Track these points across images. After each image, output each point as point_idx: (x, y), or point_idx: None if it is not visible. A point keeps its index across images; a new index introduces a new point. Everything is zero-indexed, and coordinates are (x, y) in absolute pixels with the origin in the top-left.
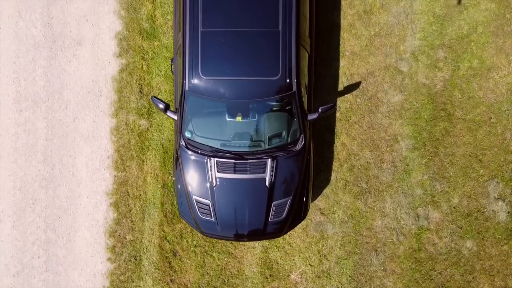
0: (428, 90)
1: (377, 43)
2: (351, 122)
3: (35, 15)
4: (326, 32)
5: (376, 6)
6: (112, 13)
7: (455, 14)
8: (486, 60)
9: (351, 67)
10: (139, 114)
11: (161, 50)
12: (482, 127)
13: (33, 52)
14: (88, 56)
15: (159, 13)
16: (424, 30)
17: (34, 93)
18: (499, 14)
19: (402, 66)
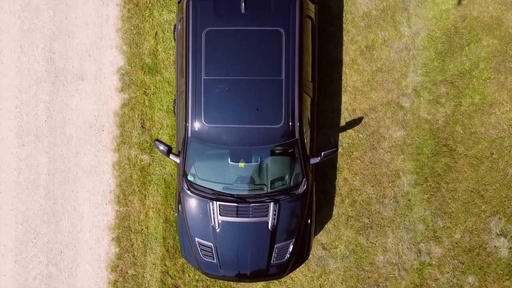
0: (430, 125)
1: (379, 79)
2: (353, 157)
3: (38, 50)
4: (328, 67)
5: (378, 42)
6: (114, 48)
7: (457, 50)
8: (488, 96)
9: (353, 102)
10: (141, 149)
11: (163, 85)
12: (484, 163)
13: (35, 87)
14: (90, 91)
15: (161, 48)
16: (426, 65)
17: (36, 127)
18: (501, 51)
19: (404, 102)
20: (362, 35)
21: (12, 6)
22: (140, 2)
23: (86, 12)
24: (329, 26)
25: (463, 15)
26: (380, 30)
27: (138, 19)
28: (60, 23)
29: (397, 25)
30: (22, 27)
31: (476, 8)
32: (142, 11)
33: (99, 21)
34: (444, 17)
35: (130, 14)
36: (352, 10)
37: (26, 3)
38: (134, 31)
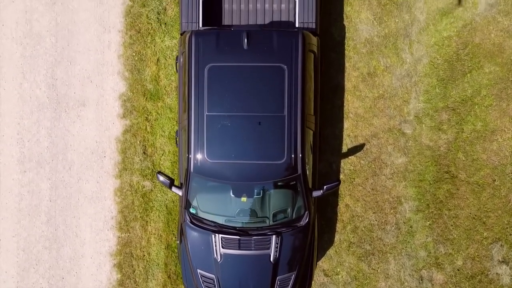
0: (432, 152)
1: (381, 105)
2: (354, 184)
3: (39, 77)
4: (330, 94)
5: (380, 69)
6: (116, 74)
7: (458, 76)
8: (490, 123)
9: (355, 129)
10: (143, 175)
11: (165, 111)
12: (486, 189)
13: (37, 113)
14: (92, 117)
15: (163, 74)
16: (428, 92)
17: (38, 154)
18: (503, 77)
19: (406, 128)
20: (364, 62)
21: (14, 33)
22: (142, 28)
23: (88, 38)
24: (331, 52)
25: (465, 42)
26: (382, 56)
27: (140, 46)
28: (62, 50)
29: (399, 52)
30: (24, 53)
31: (478, 35)
32: (144, 37)
33: (101, 48)
34: (446, 44)
35: (132, 41)
36: (354, 36)
37: (28, 30)
38: (136, 58)
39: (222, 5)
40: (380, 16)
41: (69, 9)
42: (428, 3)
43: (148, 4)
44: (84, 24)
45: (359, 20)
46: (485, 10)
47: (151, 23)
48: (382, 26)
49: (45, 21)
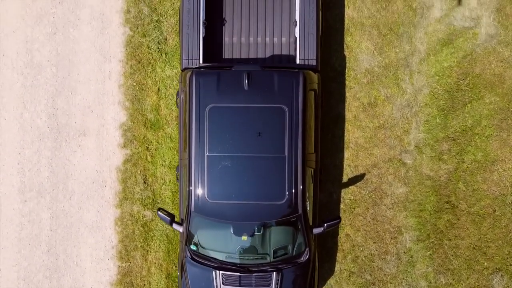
0: (433, 182)
1: (382, 135)
2: (355, 214)
3: (40, 107)
4: (331, 124)
5: (381, 99)
6: (116, 104)
7: (459, 107)
8: (490, 153)
9: (355, 159)
10: (144, 205)
11: (166, 140)
12: (487, 220)
13: (38, 143)
14: (93, 147)
15: (164, 104)
16: (428, 122)
17: (38, 183)
18: (503, 108)
19: (406, 159)
20: (365, 92)
21: (15, 63)
22: (142, 58)
23: (88, 68)
24: (331, 82)
25: (466, 72)
26: (382, 87)
27: (141, 75)
28: (63, 79)
29: (400, 82)
30: (25, 83)
31: (479, 65)
32: (144, 67)
33: (101, 77)
34: (446, 74)
35: (133, 70)
36: (355, 67)
37: (29, 60)
38: (136, 87)
39: (223, 39)
40: (381, 46)
41: (69, 39)
42: (429, 33)
43: (149, 34)
44: (85, 54)
45: (359, 50)
46: (486, 41)
47: (151, 53)
48: (383, 56)
49: (46, 51)
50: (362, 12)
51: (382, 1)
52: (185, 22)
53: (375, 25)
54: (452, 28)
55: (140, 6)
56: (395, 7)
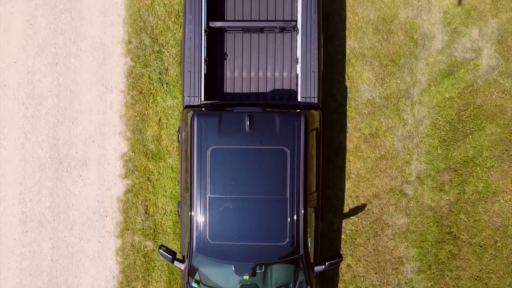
0: (434, 213)
1: (383, 166)
2: (356, 244)
3: (41, 137)
4: (332, 155)
5: (382, 129)
6: (118, 134)
7: (460, 138)
8: (491, 184)
9: (356, 189)
10: (145, 235)
11: (167, 170)
12: (488, 250)
13: (39, 174)
14: (94, 177)
15: (165, 134)
16: (429, 153)
17: (39, 214)
18: (504, 139)
19: (407, 189)
20: (366, 122)
21: (16, 93)
22: (144, 88)
23: (90, 98)
24: (333, 113)
25: (467, 103)
26: (383, 117)
27: (142, 106)
28: (64, 110)
29: (401, 113)
30: (26, 114)
31: (480, 96)
32: (146, 97)
33: (103, 108)
34: (447, 105)
35: (134, 101)
36: (356, 97)
37: (31, 90)
38: (137, 118)
39: (224, 73)
40: (382, 77)
41: (71, 69)
42: (430, 64)
43: (150, 64)
44: (86, 85)
45: (361, 81)
46: (487, 72)
47: (153, 83)
48: (384, 87)
49: (47, 81)
50: (363, 43)
51: (383, 32)
52: (186, 59)
53: (377, 56)
54: (453, 59)
55: (142, 36)
56: (396, 38)
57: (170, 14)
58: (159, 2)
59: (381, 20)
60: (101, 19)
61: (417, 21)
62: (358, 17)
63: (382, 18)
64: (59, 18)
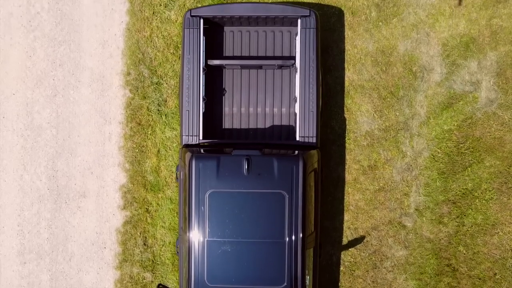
0: (433, 245)
1: (382, 198)
2: (355, 276)
3: (40, 168)
4: (331, 187)
5: (381, 162)
6: (116, 166)
7: (459, 170)
8: (490, 216)
9: (355, 221)
10: (143, 267)
11: (165, 202)
12: (487, 283)
13: (37, 205)
14: (93, 209)
15: (164, 165)
16: (428, 185)
17: (38, 245)
18: (503, 172)
19: (406, 221)
20: (365, 154)
21: (15, 125)
22: (142, 120)
23: (89, 130)
24: (331, 145)
25: (466, 136)
26: (382, 149)
27: (141, 137)
28: (63, 141)
29: (400, 145)
30: (25, 145)
31: (479, 129)
32: (144, 129)
33: (101, 139)
34: (446, 137)
35: (133, 132)
36: (355, 129)
37: (29, 122)
38: (136, 149)
39: (223, 109)
40: (381, 109)
41: (70, 101)
42: (429, 96)
43: (149, 96)
44: (85, 116)
45: (359, 113)
46: (486, 105)
47: (151, 115)
48: (383, 119)
49: (46, 113)
50: (362, 75)
51: (382, 64)
52: (185, 98)
53: (375, 88)
54: (452, 92)
55: (140, 68)
56: (395, 70)
57: (169, 45)
58: (158, 34)
59: (380, 52)
60: (100, 51)
61: (416, 53)
62: (357, 49)
63: (381, 50)
64: (58, 50)
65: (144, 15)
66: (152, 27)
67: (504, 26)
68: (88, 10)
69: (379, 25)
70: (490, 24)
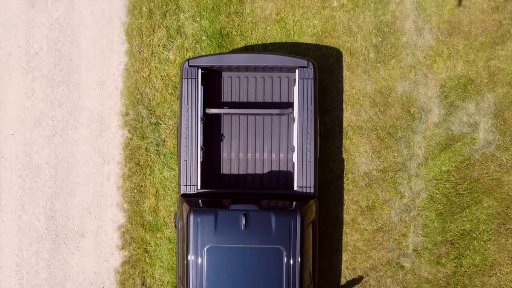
0: (431, 286)
1: (380, 238)
2: None
3: (39, 209)
4: (329, 227)
5: (379, 202)
6: (115, 206)
7: (457, 211)
8: (488, 257)
9: (353, 261)
10: None
11: (164, 241)
12: None
13: (36, 245)
14: (91, 249)
15: (162, 205)
16: (426, 226)
17: (36, 285)
18: (501, 213)
19: (404, 262)
20: (363, 195)
21: (14, 165)
22: (141, 160)
23: (87, 170)
24: (330, 185)
25: (464, 177)
26: (380, 190)
27: (139, 177)
28: (61, 182)
29: (398, 186)
30: (24, 185)
31: (477, 170)
32: (143, 169)
33: (100, 180)
34: (444, 178)
35: (131, 173)
36: (353, 169)
37: (28, 162)
38: (135, 189)
39: (221, 154)
40: (379, 150)
41: (68, 141)
42: (427, 138)
43: (147, 136)
44: (84, 156)
45: (358, 153)
46: (484, 146)
47: (150, 155)
48: (381, 160)
49: (45, 153)
50: (360, 116)
51: (380, 105)
52: (183, 148)
53: (374, 129)
54: (450, 133)
55: (139, 108)
56: (393, 111)
57: (167, 86)
58: (156, 75)
59: (378, 93)
60: (98, 92)
61: (414, 94)
62: (355, 90)
63: (379, 91)
64: (56, 90)
65: (143, 56)
66: (150, 68)
67: (502, 67)
68: (87, 51)
69: (377, 66)
70: (488, 65)
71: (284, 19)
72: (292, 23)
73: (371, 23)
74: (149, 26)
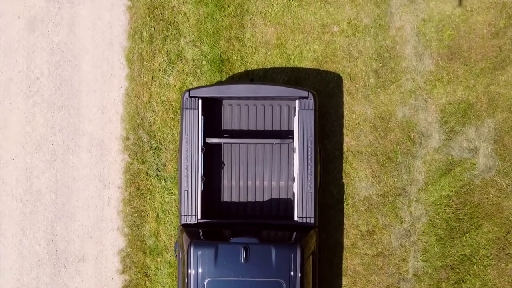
0: None
1: (380, 263)
2: None
3: (39, 233)
4: (329, 252)
5: (379, 227)
6: (115, 230)
7: (457, 236)
8: (488, 282)
9: (353, 286)
10: None
11: (164, 265)
12: None
13: (36, 269)
14: (92, 273)
15: (162, 230)
16: (426, 251)
17: None
18: (501, 238)
19: (404, 287)
20: (363, 220)
21: (14, 190)
22: (141, 185)
23: (88, 195)
24: (330, 210)
25: (464, 202)
26: (380, 215)
27: (140, 202)
28: (62, 206)
29: (398, 211)
30: (24, 210)
31: (477, 195)
32: (143, 193)
33: (100, 204)
34: (444, 203)
35: (132, 197)
36: (353, 194)
37: (28, 187)
38: (135, 214)
39: (221, 182)
40: (379, 175)
41: (69, 165)
42: (427, 163)
43: (148, 160)
44: (84, 181)
45: (358, 178)
46: (484, 171)
47: (150, 180)
48: (381, 184)
49: (45, 178)
50: (360, 141)
51: (380, 130)
52: (183, 178)
53: (374, 154)
54: (450, 158)
55: (139, 133)
56: (393, 136)
57: (168, 110)
58: (157, 99)
59: (378, 118)
60: (99, 116)
61: (414, 119)
62: (356, 114)
63: (379, 116)
64: (57, 115)
65: (143, 81)
66: (151, 92)
67: (501, 93)
68: (88, 76)
69: (378, 91)
70: (488, 91)
71: (284, 44)
72: (293, 48)
73: (371, 48)
74: (149, 51)
